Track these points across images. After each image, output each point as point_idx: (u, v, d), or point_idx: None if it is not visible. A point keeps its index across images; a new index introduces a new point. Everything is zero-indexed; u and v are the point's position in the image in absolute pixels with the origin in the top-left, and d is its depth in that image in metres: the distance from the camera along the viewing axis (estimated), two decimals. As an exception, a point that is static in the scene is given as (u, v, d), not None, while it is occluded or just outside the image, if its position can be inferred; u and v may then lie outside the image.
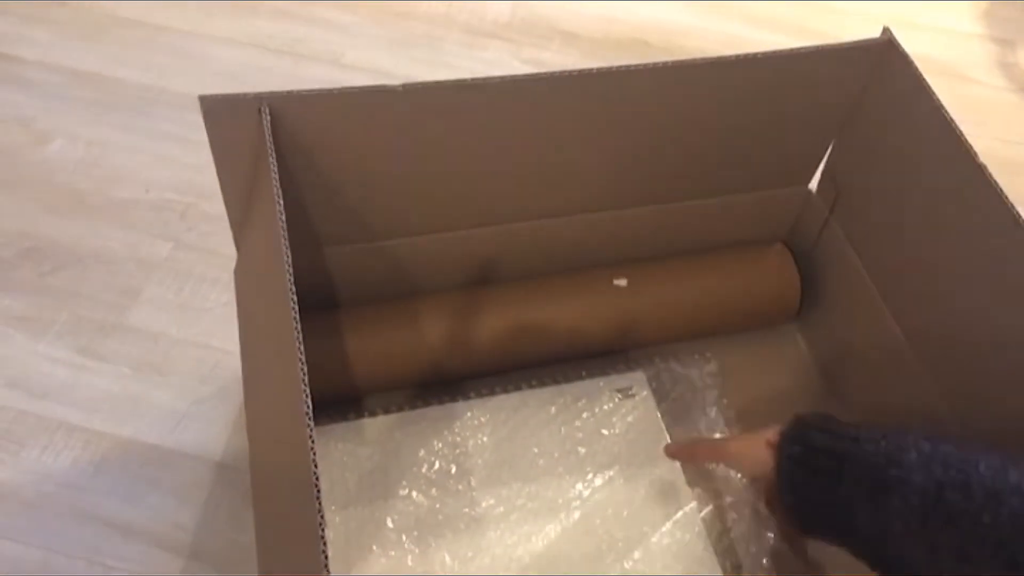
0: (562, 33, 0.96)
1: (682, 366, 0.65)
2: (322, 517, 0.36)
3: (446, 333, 0.61)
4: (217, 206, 0.55)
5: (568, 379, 0.64)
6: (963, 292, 0.54)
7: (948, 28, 1.01)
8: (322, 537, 0.35)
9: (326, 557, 0.34)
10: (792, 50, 0.55)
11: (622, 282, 0.63)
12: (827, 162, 0.64)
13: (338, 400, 0.62)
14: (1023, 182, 0.54)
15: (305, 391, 0.39)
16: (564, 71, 0.52)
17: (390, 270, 0.62)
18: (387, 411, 0.63)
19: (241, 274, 0.58)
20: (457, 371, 0.63)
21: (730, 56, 0.53)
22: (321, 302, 0.61)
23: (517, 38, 0.95)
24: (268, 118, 0.47)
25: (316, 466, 0.37)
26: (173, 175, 0.78)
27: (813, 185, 0.67)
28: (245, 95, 0.47)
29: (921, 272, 0.57)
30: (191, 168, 0.77)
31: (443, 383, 0.64)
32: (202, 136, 0.49)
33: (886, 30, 0.55)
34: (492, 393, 0.63)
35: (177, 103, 0.84)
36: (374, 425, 0.62)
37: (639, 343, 0.66)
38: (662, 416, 0.63)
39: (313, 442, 0.38)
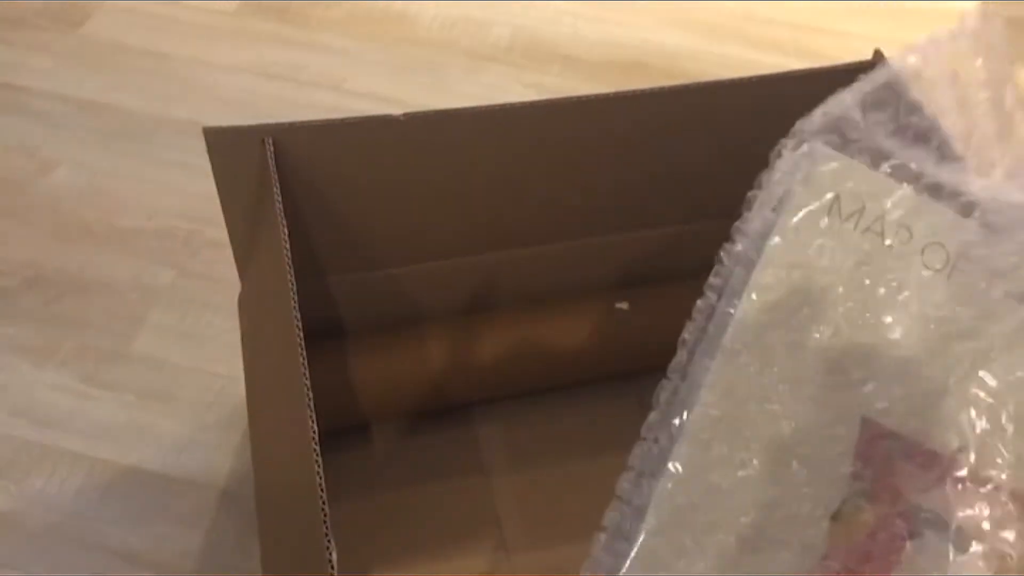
0: (563, 57, 0.96)
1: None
2: (330, 541, 0.36)
3: (452, 359, 0.61)
4: (221, 233, 0.55)
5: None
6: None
7: (946, 48, 1.01)
8: (331, 563, 0.35)
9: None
10: (784, 72, 0.55)
11: (624, 305, 0.63)
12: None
13: (343, 428, 0.62)
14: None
15: (312, 420, 0.39)
16: (565, 97, 0.53)
17: (394, 298, 0.62)
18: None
19: (245, 304, 0.58)
20: (463, 397, 0.63)
21: (726, 80, 0.54)
22: (326, 331, 0.62)
23: (518, 62, 0.95)
24: (272, 149, 0.48)
25: (324, 493, 0.37)
26: (177, 202, 0.78)
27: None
28: (249, 127, 0.48)
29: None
30: (194, 195, 0.78)
31: (451, 409, 0.64)
32: (205, 163, 0.50)
33: (877, 52, 0.56)
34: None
35: (180, 130, 0.84)
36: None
37: (641, 367, 0.66)
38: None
39: (321, 472, 0.38)
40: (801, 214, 0.41)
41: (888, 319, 0.38)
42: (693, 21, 1.02)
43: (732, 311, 0.40)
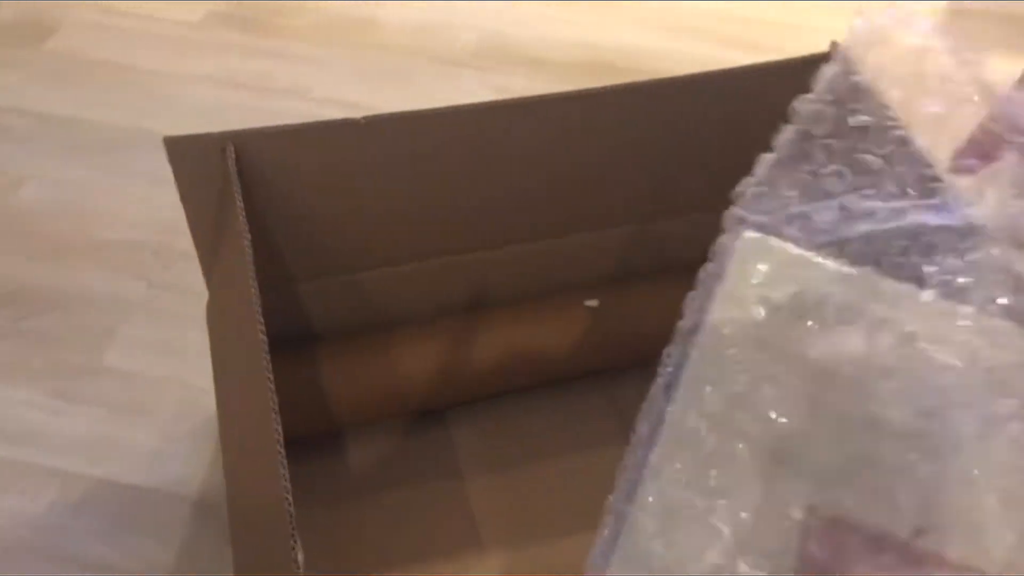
0: (531, 60, 0.97)
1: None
2: (296, 541, 0.36)
3: (424, 364, 0.61)
4: (192, 244, 0.55)
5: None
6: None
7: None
8: (296, 562, 0.35)
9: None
10: (746, 67, 0.56)
11: (593, 303, 0.63)
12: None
13: (315, 436, 0.62)
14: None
15: (277, 429, 0.39)
16: (526, 97, 0.53)
17: (364, 302, 0.62)
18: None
19: (212, 313, 0.58)
20: (435, 401, 0.63)
21: (688, 75, 0.54)
22: (296, 338, 0.62)
23: (486, 66, 0.96)
24: (232, 156, 0.48)
25: (290, 500, 0.37)
26: (147, 214, 0.78)
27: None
28: (209, 135, 0.48)
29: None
30: (164, 207, 0.77)
31: (424, 413, 0.64)
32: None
33: (833, 44, 0.56)
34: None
35: (149, 142, 0.82)
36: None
37: (612, 365, 0.66)
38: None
39: (287, 480, 0.38)
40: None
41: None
42: (660, 21, 1.03)
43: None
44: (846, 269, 0.38)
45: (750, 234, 0.39)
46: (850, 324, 0.37)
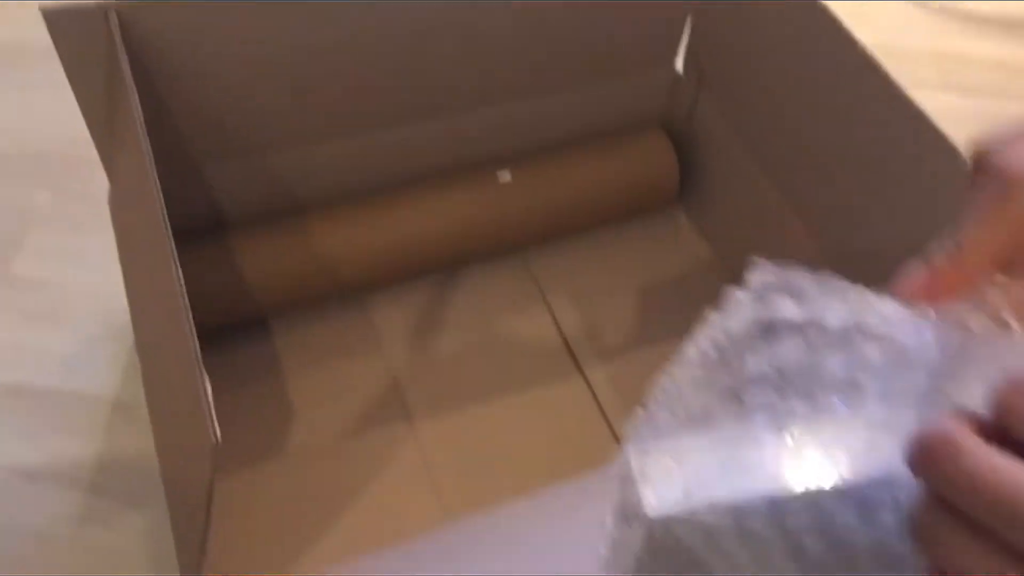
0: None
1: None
2: (203, 373, 0.35)
3: (343, 246, 0.61)
4: (95, 151, 0.54)
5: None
6: (850, 165, 0.55)
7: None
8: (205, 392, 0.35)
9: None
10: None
11: (506, 176, 0.63)
12: (689, 39, 0.65)
13: (242, 324, 0.62)
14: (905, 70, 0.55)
15: (188, 318, 0.37)
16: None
17: (277, 185, 0.61)
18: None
19: (115, 205, 0.57)
20: (355, 283, 0.63)
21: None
22: (209, 225, 0.61)
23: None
24: (116, 24, 0.46)
25: (205, 379, 0.36)
26: (48, 123, 0.75)
27: (680, 66, 0.68)
28: (91, 3, 0.46)
29: (802, 147, 0.59)
30: (65, 115, 0.75)
31: (347, 297, 0.64)
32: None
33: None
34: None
35: (42, 52, 0.81)
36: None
37: (529, 240, 0.66)
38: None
39: (200, 362, 0.37)
40: None
41: None
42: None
43: None
44: None
45: None
46: None
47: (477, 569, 0.45)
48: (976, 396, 0.26)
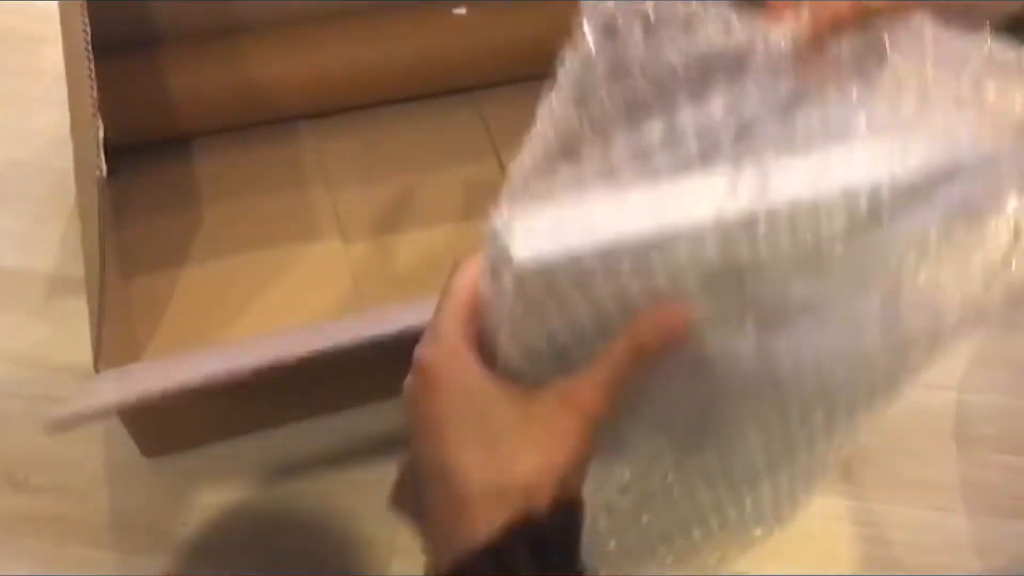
0: None
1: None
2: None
3: (278, 69, 0.58)
4: (38, 27, 0.51)
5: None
6: None
7: None
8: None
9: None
10: None
11: (462, 10, 0.59)
12: None
13: (161, 142, 0.61)
14: None
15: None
16: None
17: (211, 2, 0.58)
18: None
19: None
20: (290, 109, 0.61)
21: None
22: (140, 41, 0.58)
23: None
24: None
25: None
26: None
27: None
28: None
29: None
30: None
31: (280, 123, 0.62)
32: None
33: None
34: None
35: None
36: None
37: (481, 81, 0.63)
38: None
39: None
40: None
41: None
42: None
43: None
44: None
45: None
46: None
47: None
48: None
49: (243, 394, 0.49)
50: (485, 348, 0.31)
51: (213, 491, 0.53)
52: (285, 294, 0.56)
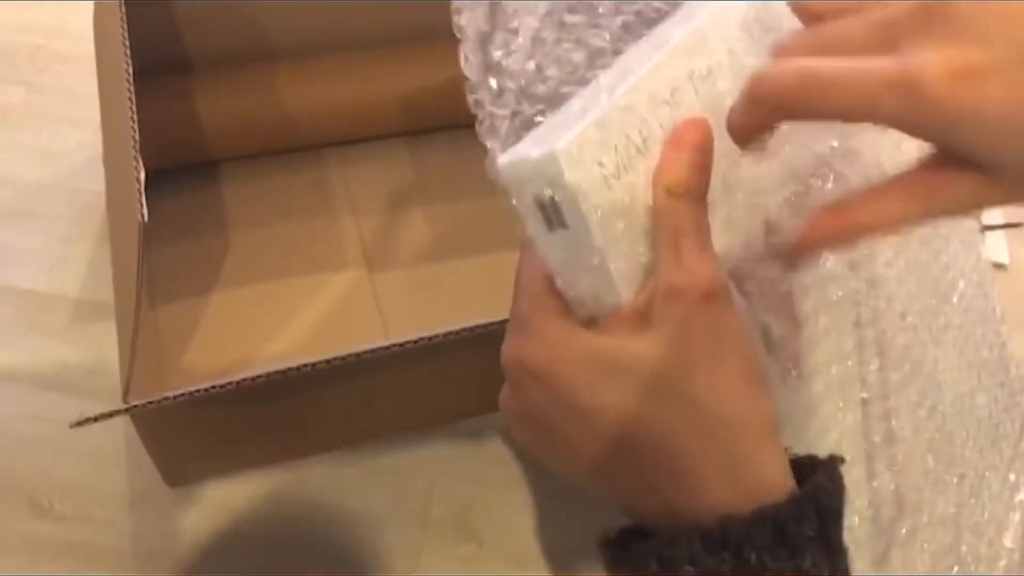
0: None
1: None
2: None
3: (304, 97, 0.59)
4: (69, 45, 0.51)
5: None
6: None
7: None
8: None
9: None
10: None
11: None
12: None
13: (190, 166, 0.61)
14: None
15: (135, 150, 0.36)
16: None
17: (244, 29, 0.58)
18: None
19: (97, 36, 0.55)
20: (316, 137, 0.61)
21: None
22: (174, 66, 0.59)
23: None
24: None
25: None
26: (15, 17, 0.72)
27: None
28: None
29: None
30: (34, 7, 0.72)
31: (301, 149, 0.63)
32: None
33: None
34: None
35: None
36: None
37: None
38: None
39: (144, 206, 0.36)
40: None
41: None
42: None
43: None
44: None
45: None
46: None
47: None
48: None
49: (265, 418, 0.49)
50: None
51: (236, 521, 0.53)
52: (310, 322, 0.57)
